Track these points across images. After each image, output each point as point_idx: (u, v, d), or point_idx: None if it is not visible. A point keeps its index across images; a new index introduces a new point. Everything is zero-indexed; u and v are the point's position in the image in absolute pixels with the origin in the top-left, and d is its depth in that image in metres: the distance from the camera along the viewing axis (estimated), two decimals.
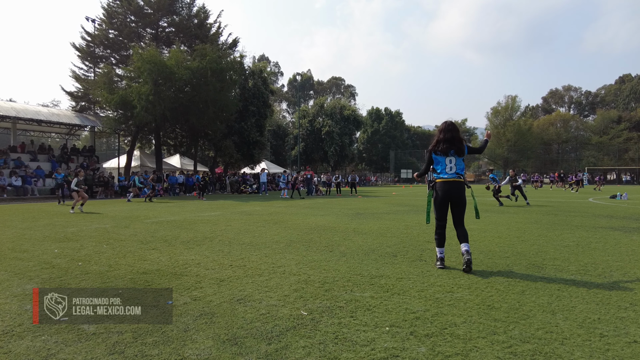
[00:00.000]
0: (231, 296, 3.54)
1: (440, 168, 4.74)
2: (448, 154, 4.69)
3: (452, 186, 4.64)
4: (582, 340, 2.61)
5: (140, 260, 5.13)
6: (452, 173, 4.66)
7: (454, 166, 4.70)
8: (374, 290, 3.73)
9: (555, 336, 2.67)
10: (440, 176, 4.71)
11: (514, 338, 2.64)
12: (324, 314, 3.10)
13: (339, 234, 7.29)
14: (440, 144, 4.73)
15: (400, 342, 2.57)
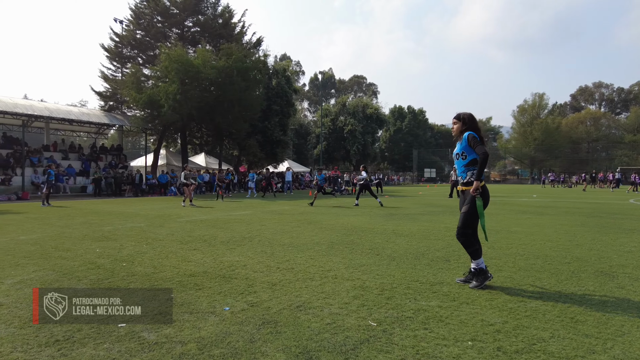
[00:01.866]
0: (289, 302, 3.35)
1: None
2: None
3: None
4: None
5: (184, 261, 5.01)
6: None
7: None
8: (440, 299, 3.48)
9: None
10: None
11: (617, 358, 2.36)
12: (394, 324, 2.87)
13: (379, 236, 7.04)
14: (479, 131, 3.93)
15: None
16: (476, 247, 3.87)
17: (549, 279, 4.15)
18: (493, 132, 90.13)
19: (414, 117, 76.29)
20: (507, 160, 77.80)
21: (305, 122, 68.58)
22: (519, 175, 75.46)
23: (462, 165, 3.96)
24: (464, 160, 3.91)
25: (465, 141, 3.88)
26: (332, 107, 59.70)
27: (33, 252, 5.58)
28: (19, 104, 23.34)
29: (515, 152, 72.40)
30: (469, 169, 3.90)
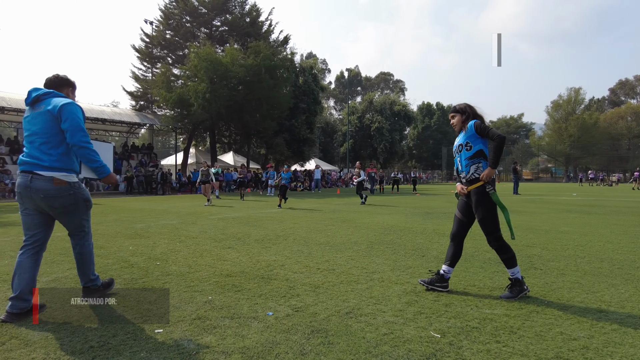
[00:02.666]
0: (336, 308, 3.05)
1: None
2: None
3: None
4: None
5: (219, 260, 4.79)
6: None
7: None
8: (504, 307, 3.11)
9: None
10: None
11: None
12: (460, 336, 2.52)
13: (420, 236, 6.65)
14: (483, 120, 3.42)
15: None
16: (511, 253, 3.34)
17: (625, 286, 3.69)
18: (525, 129, 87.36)
19: (443, 114, 74.70)
20: (539, 158, 75.14)
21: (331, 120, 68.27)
22: (553, 173, 72.82)
23: (465, 157, 3.41)
24: (469, 151, 3.36)
25: (471, 129, 3.34)
26: (358, 105, 59.05)
27: (65, 250, 5.49)
28: None
29: (548, 150, 69.79)
30: (473, 162, 3.35)
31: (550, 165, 75.59)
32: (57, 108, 2.85)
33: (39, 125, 2.89)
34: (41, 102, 2.94)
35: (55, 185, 2.86)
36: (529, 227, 7.66)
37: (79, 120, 2.91)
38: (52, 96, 2.96)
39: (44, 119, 2.88)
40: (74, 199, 2.96)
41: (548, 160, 75.35)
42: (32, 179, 2.84)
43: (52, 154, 2.86)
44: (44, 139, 2.87)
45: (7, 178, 20.03)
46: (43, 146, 2.87)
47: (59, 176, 2.88)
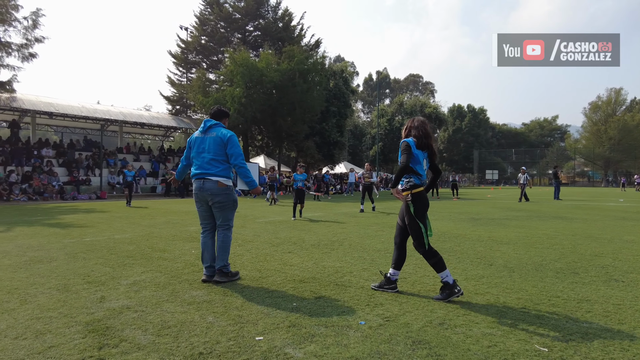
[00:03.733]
0: (427, 318, 3.01)
1: (421, 169, 3.62)
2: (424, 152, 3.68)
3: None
4: None
5: (285, 265, 4.83)
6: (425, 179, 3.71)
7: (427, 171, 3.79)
8: (601, 320, 2.99)
9: None
10: (422, 181, 3.63)
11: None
12: (568, 350, 2.44)
13: (479, 243, 6.51)
14: (421, 138, 3.61)
15: None
16: (437, 258, 3.54)
17: None
18: (559, 131, 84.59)
19: (474, 116, 73.29)
20: (576, 162, 72.42)
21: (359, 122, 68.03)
22: (590, 177, 70.08)
23: None
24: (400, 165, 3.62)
25: (400, 146, 3.66)
26: (388, 108, 58.66)
27: (133, 252, 5.66)
28: (98, 110, 24.93)
29: (585, 153, 67.22)
30: (404, 177, 3.64)
31: (587, 169, 72.83)
32: (226, 137, 4.06)
33: (209, 146, 4.06)
34: (212, 129, 4.14)
35: (219, 187, 4.03)
36: (589, 235, 7.38)
37: (239, 149, 4.13)
38: (219, 127, 4.18)
39: (214, 142, 4.06)
40: (227, 198, 4.09)
41: (585, 164, 72.59)
42: (204, 182, 4.03)
43: (217, 167, 4.05)
44: (212, 156, 4.04)
45: (54, 180, 20.91)
46: (212, 161, 4.04)
47: (222, 181, 4.05)
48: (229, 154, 4.05)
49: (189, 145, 4.25)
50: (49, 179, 20.68)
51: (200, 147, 4.10)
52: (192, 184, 4.23)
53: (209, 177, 4.02)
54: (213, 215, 4.18)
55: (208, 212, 4.18)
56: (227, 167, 4.10)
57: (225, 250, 4.11)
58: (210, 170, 4.02)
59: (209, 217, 4.20)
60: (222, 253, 4.09)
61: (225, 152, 4.05)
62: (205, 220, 4.22)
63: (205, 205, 4.14)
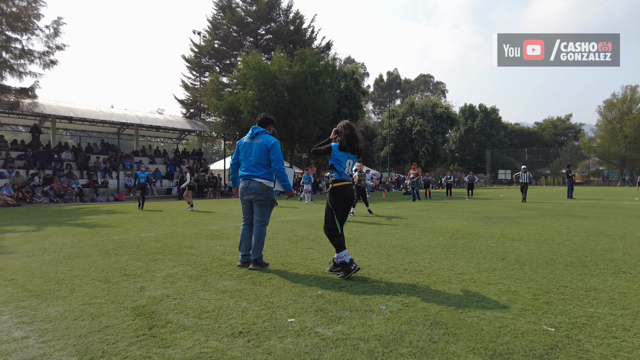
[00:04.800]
0: (442, 305, 3.26)
1: (340, 167, 4.36)
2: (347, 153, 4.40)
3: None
4: None
5: (307, 259, 5.11)
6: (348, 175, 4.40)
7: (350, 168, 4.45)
8: (607, 306, 3.21)
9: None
10: (342, 177, 4.33)
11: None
12: (574, 330, 2.67)
13: (491, 240, 6.72)
14: (343, 142, 4.34)
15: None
16: (337, 240, 4.27)
17: None
18: (573, 130, 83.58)
19: (486, 116, 72.98)
20: (590, 160, 71.48)
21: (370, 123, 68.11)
22: (605, 176, 69.11)
23: None
24: None
25: None
26: (398, 108, 58.68)
27: (161, 249, 5.99)
28: (115, 114, 25.55)
29: (600, 152, 66.32)
30: (330, 171, 4.45)
31: (602, 168, 71.84)
32: (270, 144, 4.63)
33: (255, 151, 4.66)
34: (258, 136, 4.71)
35: (262, 187, 4.63)
36: (601, 232, 7.52)
37: (280, 155, 4.70)
38: (264, 134, 4.74)
39: (259, 148, 4.65)
40: (267, 197, 4.70)
41: (600, 163, 71.61)
42: (249, 182, 4.66)
43: (261, 170, 4.64)
44: (257, 160, 4.64)
45: (73, 182, 21.53)
46: (257, 165, 4.65)
47: (264, 182, 4.65)
48: (271, 158, 4.61)
49: (237, 149, 4.91)
50: (68, 182, 21.30)
51: (248, 151, 4.71)
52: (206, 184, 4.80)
53: (254, 179, 4.63)
54: (252, 212, 4.79)
55: (249, 208, 4.78)
56: (270, 171, 4.68)
57: (260, 244, 4.68)
58: (255, 173, 4.64)
59: (249, 213, 4.80)
60: (258, 246, 4.68)
61: (268, 157, 4.63)
62: (246, 215, 4.85)
63: (248, 202, 4.75)
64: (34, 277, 4.27)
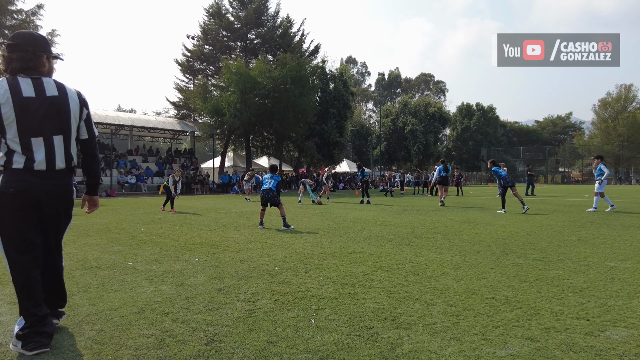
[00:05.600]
0: (239, 258, 5.00)
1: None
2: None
3: None
4: None
5: (196, 237, 6.87)
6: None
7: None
8: (342, 260, 4.90)
9: (432, 291, 3.63)
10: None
11: (401, 290, 3.67)
12: (288, 270, 4.39)
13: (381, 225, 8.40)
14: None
15: (319, 285, 3.77)
16: None
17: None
18: (573, 128, 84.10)
19: (483, 115, 73.86)
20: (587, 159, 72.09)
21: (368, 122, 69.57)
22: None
23: None
24: None
25: None
26: (392, 108, 60.14)
27: (99, 230, 7.82)
28: (108, 116, 27.61)
29: (595, 150, 66.98)
30: None
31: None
32: None
33: None
34: None
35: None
36: (471, 221, 9.14)
37: None
38: None
39: None
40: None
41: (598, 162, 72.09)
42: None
43: None
44: None
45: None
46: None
47: None
48: None
49: None
50: None
51: None
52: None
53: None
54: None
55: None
56: None
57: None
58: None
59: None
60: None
61: None
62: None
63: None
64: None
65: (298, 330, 2.65)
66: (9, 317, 2.91)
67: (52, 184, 2.47)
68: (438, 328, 2.69)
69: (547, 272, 4.24)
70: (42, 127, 2.41)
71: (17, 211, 2.38)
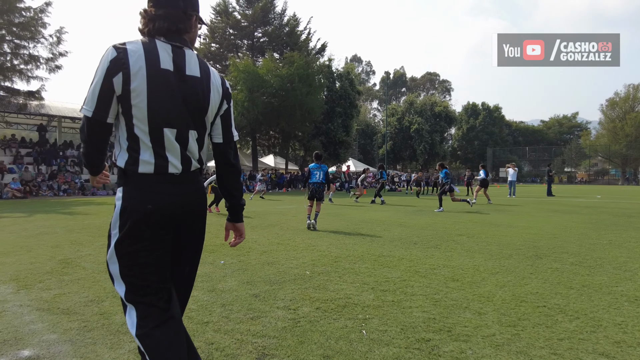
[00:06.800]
0: (265, 261, 4.84)
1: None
2: None
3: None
4: None
5: (215, 237, 6.72)
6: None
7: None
8: (372, 264, 4.74)
9: (482, 300, 3.47)
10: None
11: (446, 297, 3.50)
12: (321, 274, 4.23)
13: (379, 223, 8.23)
14: None
15: (359, 292, 3.61)
16: None
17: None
18: (579, 128, 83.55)
19: (489, 114, 73.42)
20: (594, 160, 71.65)
21: (373, 121, 69.27)
22: (612, 175, 69.25)
23: None
24: None
25: None
26: (398, 107, 59.85)
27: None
28: None
29: (602, 150, 66.52)
30: None
31: (608, 167, 71.89)
32: None
33: None
34: None
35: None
36: (491, 223, 8.95)
37: None
38: None
39: None
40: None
41: (604, 161, 71.66)
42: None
43: None
44: None
45: (77, 178, 23.51)
46: None
47: None
48: None
49: None
50: (72, 177, 23.29)
51: None
52: None
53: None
54: None
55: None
56: None
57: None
58: None
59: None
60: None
61: None
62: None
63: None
64: (6, 245, 5.97)
65: (351, 342, 2.48)
66: (42, 326, 2.75)
67: (187, 193, 1.69)
68: (499, 340, 2.52)
69: (591, 279, 4.06)
70: (178, 115, 1.66)
71: (148, 238, 1.58)
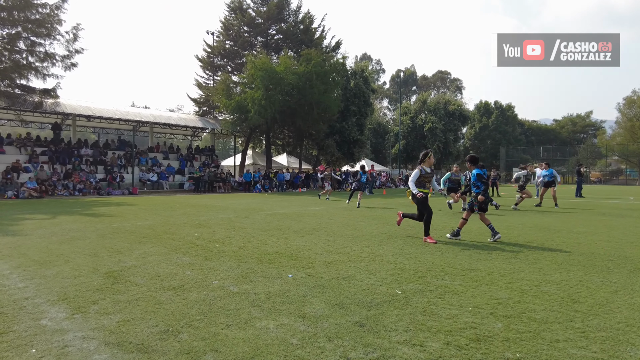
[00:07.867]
0: (337, 275, 4.27)
1: None
2: None
3: None
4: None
5: (262, 244, 6.16)
6: None
7: None
8: (464, 280, 4.15)
9: (636, 329, 2.87)
10: None
11: (590, 326, 2.91)
12: (415, 294, 3.65)
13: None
14: None
15: (480, 319, 3.02)
16: None
17: (576, 273, 4.55)
18: (593, 127, 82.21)
19: (501, 113, 72.39)
20: (610, 159, 70.32)
21: (384, 120, 68.51)
22: (627, 175, 67.93)
23: None
24: None
25: None
26: (411, 105, 59.06)
27: (148, 234, 7.14)
28: (130, 112, 27.09)
29: (619, 150, 65.22)
30: None
31: (623, 167, 70.58)
32: None
33: None
34: None
35: None
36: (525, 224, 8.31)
37: None
38: None
39: None
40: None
41: (620, 161, 70.36)
42: None
43: None
44: None
45: (91, 177, 23.12)
46: None
47: None
48: None
49: None
50: (87, 176, 22.90)
51: None
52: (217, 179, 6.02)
53: None
54: None
55: None
56: None
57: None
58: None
59: None
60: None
61: None
62: None
63: None
64: (41, 252, 5.45)
65: None
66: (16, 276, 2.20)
67: None
68: None
69: None
70: None
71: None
